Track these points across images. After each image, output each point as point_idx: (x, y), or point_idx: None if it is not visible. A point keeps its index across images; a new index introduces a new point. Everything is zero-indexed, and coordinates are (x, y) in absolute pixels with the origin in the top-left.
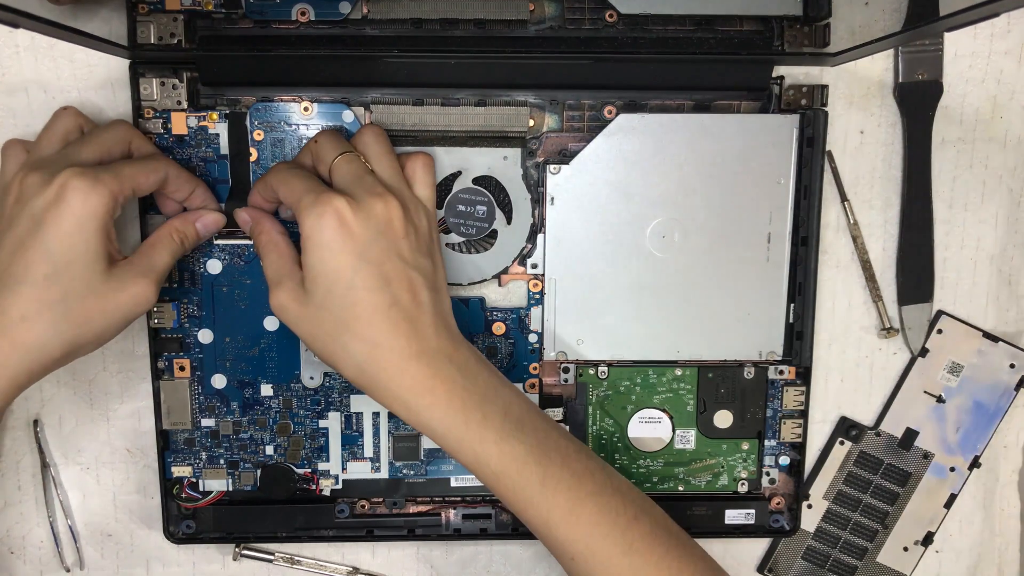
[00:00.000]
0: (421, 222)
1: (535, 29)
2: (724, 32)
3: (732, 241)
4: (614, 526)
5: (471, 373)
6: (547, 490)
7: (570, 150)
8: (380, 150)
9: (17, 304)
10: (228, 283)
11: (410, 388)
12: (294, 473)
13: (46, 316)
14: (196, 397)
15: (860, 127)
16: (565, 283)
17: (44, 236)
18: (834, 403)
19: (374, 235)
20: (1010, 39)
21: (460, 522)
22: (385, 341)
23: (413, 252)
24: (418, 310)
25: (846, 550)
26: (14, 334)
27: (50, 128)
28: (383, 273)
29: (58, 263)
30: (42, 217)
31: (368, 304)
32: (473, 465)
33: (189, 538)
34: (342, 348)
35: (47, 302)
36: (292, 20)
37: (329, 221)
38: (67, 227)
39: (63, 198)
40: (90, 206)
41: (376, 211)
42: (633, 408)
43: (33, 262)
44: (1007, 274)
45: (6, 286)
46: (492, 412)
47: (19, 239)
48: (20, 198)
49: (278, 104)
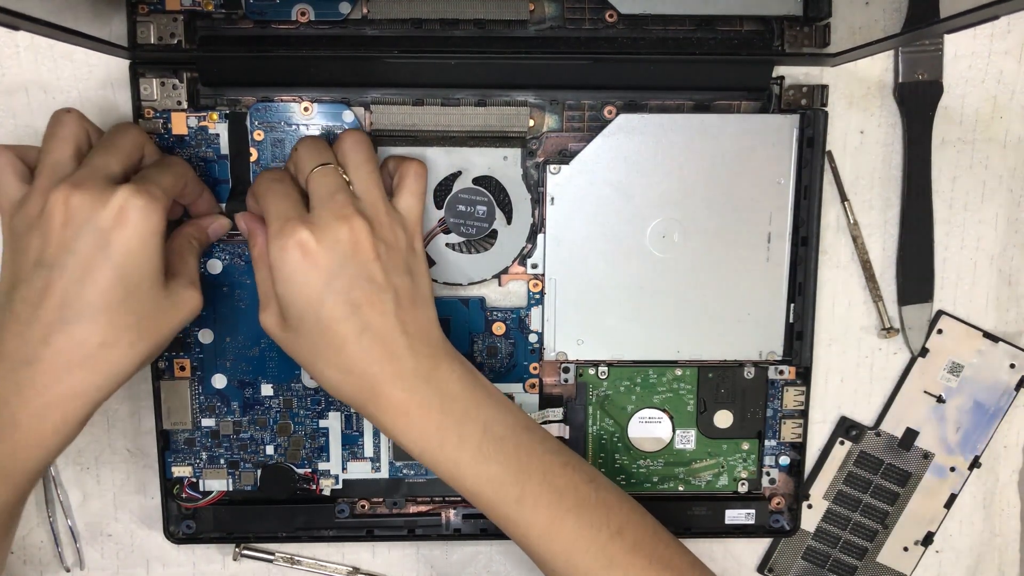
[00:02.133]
0: (396, 237)
1: (535, 29)
2: (724, 32)
3: (732, 241)
4: (594, 541)
5: (450, 392)
6: (524, 509)
7: (570, 150)
8: (359, 159)
9: (96, 332)
10: (228, 283)
11: (384, 411)
12: (294, 473)
13: (124, 340)
14: (196, 397)
15: (860, 127)
16: (565, 283)
17: (114, 260)
18: (834, 403)
19: (340, 262)
20: (1010, 39)
21: (460, 522)
22: (356, 368)
23: (385, 272)
24: (392, 333)
25: (846, 550)
26: (95, 362)
27: (58, 136)
28: (351, 300)
29: (129, 285)
30: (108, 238)
31: (337, 334)
32: (450, 483)
33: (189, 538)
34: (319, 372)
35: (123, 326)
36: (292, 20)
37: (292, 254)
38: (135, 248)
39: (126, 218)
40: (152, 223)
41: (341, 237)
42: (633, 408)
43: (107, 287)
44: (1007, 274)
45: (83, 315)
46: (469, 433)
47: (86, 262)
48: (71, 220)
49: (278, 104)
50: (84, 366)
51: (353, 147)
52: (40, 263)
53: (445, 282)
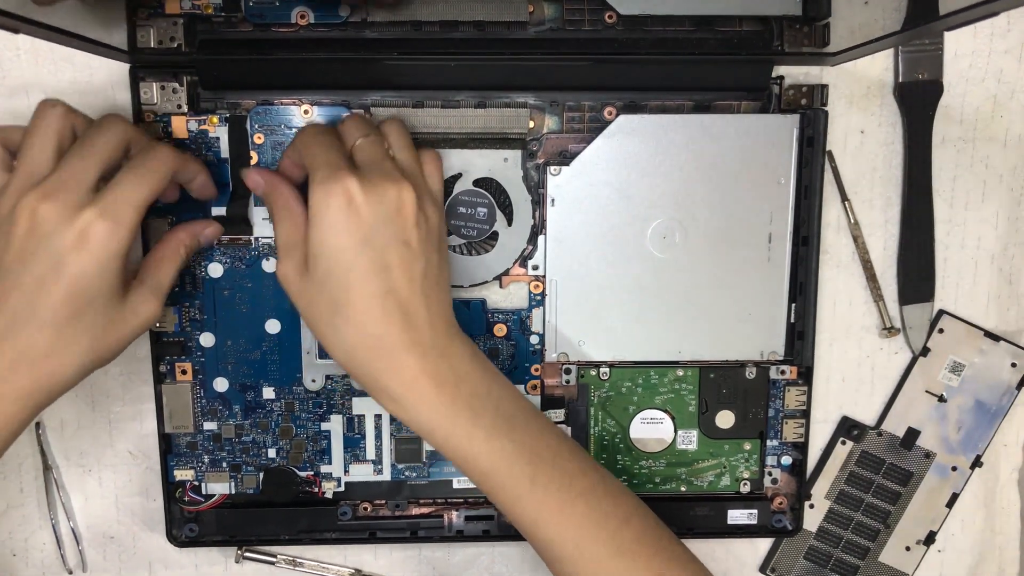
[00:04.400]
0: (433, 215)
1: (535, 31)
2: (724, 32)
3: (733, 241)
4: (604, 527)
5: (463, 370)
6: (537, 489)
7: (570, 151)
8: (404, 143)
9: (41, 342)
10: (229, 286)
11: (398, 381)
12: (296, 476)
13: (70, 350)
14: (198, 400)
15: (860, 127)
16: (566, 284)
17: (67, 280)
18: (836, 403)
19: (383, 220)
20: (1010, 38)
21: (462, 524)
22: (376, 329)
23: (421, 243)
24: (415, 301)
25: (848, 550)
26: (39, 369)
27: (40, 131)
28: (385, 260)
29: (80, 304)
30: (64, 259)
31: (364, 289)
32: (461, 462)
33: (192, 541)
34: (334, 330)
35: (71, 339)
36: (292, 23)
37: (337, 200)
38: (91, 271)
39: (86, 242)
40: (113, 247)
41: (389, 196)
42: (635, 409)
43: (57, 304)
44: (1008, 273)
45: (30, 324)
46: (482, 410)
47: (39, 278)
48: (33, 231)
49: (278, 107)
50: (28, 372)
51: (399, 131)
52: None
53: None
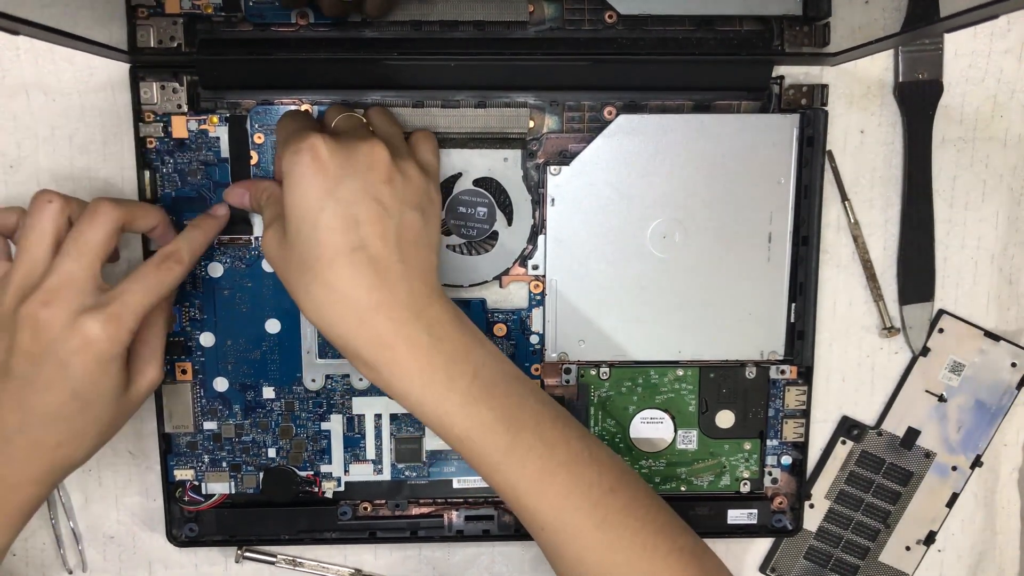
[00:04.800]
0: (415, 174)
1: (535, 30)
2: (724, 32)
3: (733, 241)
4: (586, 498)
5: (440, 332)
6: (514, 458)
7: (570, 151)
8: (386, 122)
9: (54, 435)
10: (229, 286)
11: (368, 341)
12: (296, 476)
13: (81, 438)
14: (198, 400)
15: (860, 127)
16: (566, 284)
17: (72, 381)
18: (836, 403)
19: (349, 174)
20: (1010, 38)
21: (463, 523)
22: (344, 287)
23: (396, 199)
24: (389, 258)
25: (848, 550)
26: (53, 456)
27: (38, 228)
28: (352, 214)
29: (87, 399)
30: (68, 362)
31: (330, 244)
32: (436, 427)
33: (192, 541)
34: (304, 290)
35: (80, 429)
36: (291, 23)
37: (303, 157)
38: (95, 371)
39: (89, 346)
40: (114, 349)
41: (359, 151)
42: (635, 409)
43: (64, 402)
44: (1008, 273)
45: (43, 420)
46: (459, 374)
47: (47, 379)
48: (37, 337)
49: (278, 107)
50: (42, 460)
51: (382, 114)
52: (4, 370)
53: (446, 284)
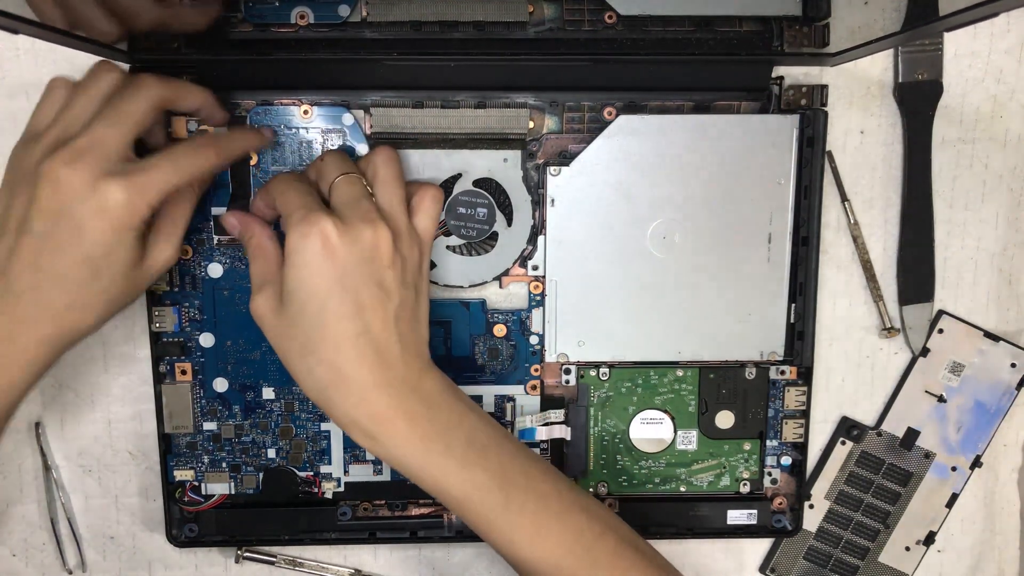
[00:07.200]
0: (411, 253)
1: (534, 31)
2: (723, 33)
3: (733, 242)
4: (578, 543)
5: (435, 403)
6: (511, 514)
7: (570, 152)
8: (387, 175)
9: (64, 297)
10: (229, 287)
11: (370, 417)
12: (296, 476)
13: (91, 305)
14: (198, 401)
15: (860, 127)
16: (566, 284)
17: (86, 246)
18: (835, 403)
19: (357, 261)
20: (1010, 38)
21: (462, 524)
22: (348, 369)
23: (396, 282)
24: (389, 340)
25: (848, 550)
26: (62, 319)
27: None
28: (358, 300)
29: (98, 266)
30: (83, 226)
31: (337, 330)
32: (435, 492)
33: (192, 541)
34: (307, 369)
35: (90, 296)
36: (291, 23)
37: (313, 242)
38: (110, 240)
39: (105, 212)
40: (132, 220)
41: (364, 237)
42: (635, 409)
43: (76, 264)
44: (1008, 273)
45: (54, 280)
46: (455, 441)
47: (61, 240)
48: (56, 194)
49: (278, 107)
50: (51, 321)
51: (385, 163)
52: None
53: (446, 284)
